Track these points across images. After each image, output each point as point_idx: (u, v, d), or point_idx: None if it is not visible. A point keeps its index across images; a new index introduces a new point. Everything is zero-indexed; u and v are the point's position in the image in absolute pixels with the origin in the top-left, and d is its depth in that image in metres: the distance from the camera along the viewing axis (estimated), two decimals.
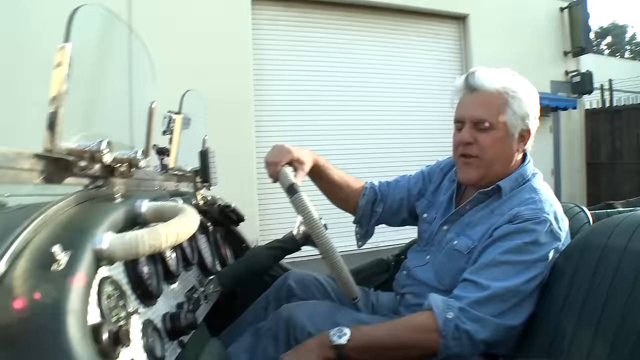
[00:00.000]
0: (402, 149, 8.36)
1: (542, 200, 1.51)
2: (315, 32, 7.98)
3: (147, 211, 1.09)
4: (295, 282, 1.91)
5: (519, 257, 1.42)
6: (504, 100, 1.53)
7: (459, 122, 1.60)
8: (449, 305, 1.41)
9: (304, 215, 1.45)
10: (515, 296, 1.40)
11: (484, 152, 1.55)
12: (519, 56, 8.67)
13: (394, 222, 1.98)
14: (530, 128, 1.59)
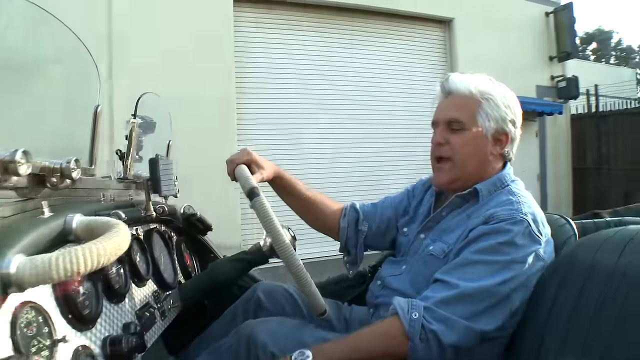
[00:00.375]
0: (387, 150, 8.33)
1: (520, 202, 1.43)
2: (298, 35, 7.93)
3: (78, 227, 0.98)
4: (265, 294, 1.82)
5: (493, 257, 1.34)
6: (477, 102, 1.51)
7: (435, 124, 1.58)
8: (413, 305, 1.32)
9: (263, 221, 1.35)
10: (488, 298, 1.31)
11: (456, 153, 1.52)
12: (505, 60, 8.70)
13: (382, 244, 1.87)
14: (508, 132, 1.55)
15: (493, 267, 1.33)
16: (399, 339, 1.29)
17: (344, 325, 1.78)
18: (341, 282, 2.17)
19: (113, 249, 0.83)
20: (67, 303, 1.01)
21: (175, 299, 1.69)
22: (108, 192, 1.51)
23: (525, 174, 9.36)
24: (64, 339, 0.94)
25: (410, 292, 1.53)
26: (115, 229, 0.88)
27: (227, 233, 6.05)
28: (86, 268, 0.78)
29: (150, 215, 1.46)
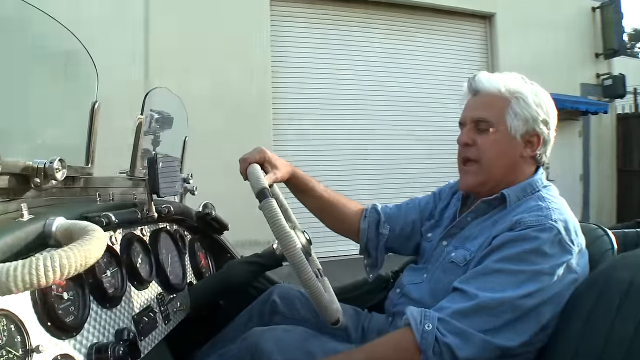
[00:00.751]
0: (423, 149, 8.20)
1: (550, 207, 1.31)
2: (335, 30, 7.87)
3: (57, 231, 0.92)
4: (280, 298, 1.76)
5: (517, 266, 1.22)
6: (506, 101, 1.41)
7: (462, 125, 1.50)
8: (427, 315, 1.22)
9: (271, 224, 1.26)
10: (510, 311, 1.19)
11: (483, 155, 1.43)
12: (548, 57, 8.43)
13: (406, 249, 1.77)
14: (540, 133, 1.42)
15: (517, 278, 1.21)
16: (411, 351, 1.19)
17: (360, 335, 1.69)
18: (361, 287, 2.07)
19: (80, 259, 0.75)
20: (45, 310, 0.95)
21: (184, 301, 1.64)
22: (109, 191, 1.45)
23: (566, 175, 9.15)
24: (37, 349, 0.88)
25: (429, 302, 1.42)
26: (88, 236, 0.81)
27: (261, 231, 5.98)
28: (47, 280, 0.71)
29: (151, 216, 1.39)
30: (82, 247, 0.77)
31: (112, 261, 1.26)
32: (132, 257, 1.36)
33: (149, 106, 1.80)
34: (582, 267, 1.27)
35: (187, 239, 1.90)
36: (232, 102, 6.78)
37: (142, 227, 1.50)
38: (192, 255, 1.88)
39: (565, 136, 9.29)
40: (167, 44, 6.56)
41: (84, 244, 0.79)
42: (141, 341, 1.28)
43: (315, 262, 1.74)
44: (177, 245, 1.71)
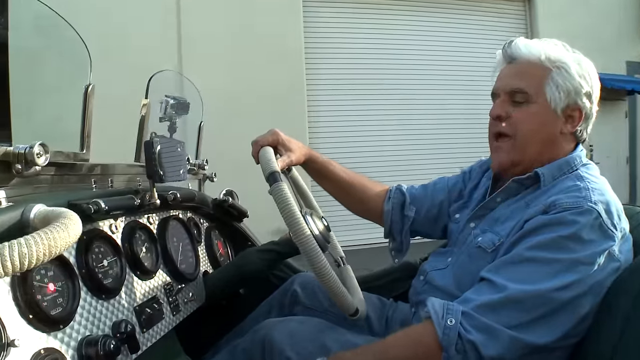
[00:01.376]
0: (461, 132, 8.04)
1: (590, 188, 1.17)
2: (369, 14, 7.79)
3: (36, 218, 0.86)
4: (302, 288, 1.70)
5: (552, 254, 1.10)
6: (546, 71, 1.27)
7: (495, 96, 1.37)
8: (450, 309, 1.11)
9: (281, 208, 1.19)
10: (542, 305, 1.07)
11: (518, 130, 1.29)
12: (591, 35, 8.07)
13: (434, 232, 1.67)
14: (582, 107, 1.29)
15: (552, 267, 1.09)
16: (432, 348, 1.09)
17: (383, 326, 1.61)
18: (387, 275, 1.98)
19: (44, 248, 0.69)
20: (26, 302, 0.90)
21: (196, 291, 1.58)
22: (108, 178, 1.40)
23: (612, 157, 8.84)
24: (13, 343, 0.82)
25: (454, 291, 1.33)
26: (57, 223, 0.74)
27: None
28: (5, 271, 0.65)
29: (153, 203, 1.32)
30: (46, 235, 0.71)
31: (110, 250, 1.20)
32: (135, 246, 1.30)
33: (161, 91, 1.76)
34: (625, 254, 1.15)
35: (204, 227, 1.85)
36: (265, 91, 6.77)
37: (148, 215, 1.45)
38: (209, 243, 1.82)
39: (611, 117, 8.95)
40: (199, 33, 6.58)
41: (51, 231, 0.72)
42: (143, 333, 1.23)
43: (337, 250, 1.67)
44: (189, 233, 1.64)
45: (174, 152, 1.34)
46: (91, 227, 1.17)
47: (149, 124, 1.68)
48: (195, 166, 1.95)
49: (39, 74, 1.41)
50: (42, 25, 1.33)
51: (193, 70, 6.12)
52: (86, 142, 1.27)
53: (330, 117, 7.54)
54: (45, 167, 1.05)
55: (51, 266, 0.99)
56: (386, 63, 7.80)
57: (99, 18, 5.86)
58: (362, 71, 7.67)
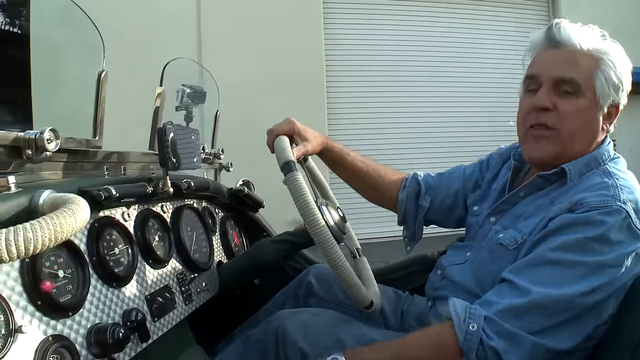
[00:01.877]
0: (482, 126, 7.96)
1: (618, 185, 1.13)
2: (389, 7, 7.72)
3: (45, 204, 0.86)
4: (317, 279, 1.68)
5: (578, 256, 1.05)
6: (596, 62, 1.20)
7: (534, 80, 1.26)
8: (472, 313, 1.08)
9: (295, 198, 1.17)
10: (566, 311, 1.04)
11: (564, 123, 1.20)
12: (616, 25, 7.82)
13: (447, 221, 1.64)
14: (620, 103, 1.24)
15: (577, 270, 1.05)
16: (451, 351, 1.07)
17: (399, 319, 1.59)
18: (404, 268, 1.95)
19: (49, 233, 0.69)
20: (35, 288, 0.90)
21: (210, 281, 1.57)
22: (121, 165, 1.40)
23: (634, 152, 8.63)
24: (21, 329, 0.82)
25: (472, 287, 1.30)
26: (64, 209, 0.73)
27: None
28: (10, 256, 0.65)
29: (166, 191, 1.32)
30: (52, 220, 0.70)
31: (122, 238, 1.20)
32: (147, 234, 1.29)
33: (178, 80, 1.75)
34: None
35: (219, 216, 1.84)
36: (285, 84, 6.77)
37: (162, 203, 1.44)
38: (223, 233, 1.82)
39: (635, 111, 8.71)
40: (218, 26, 6.60)
41: (57, 216, 0.71)
42: (155, 322, 1.23)
43: (354, 241, 1.65)
44: (204, 222, 1.64)
45: (188, 140, 1.33)
46: (103, 215, 1.17)
47: (166, 113, 1.68)
48: (211, 155, 1.94)
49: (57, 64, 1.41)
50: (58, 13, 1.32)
51: (212, 60, 6.13)
52: (99, 129, 1.27)
53: (349, 108, 7.52)
54: (57, 154, 1.05)
55: (61, 253, 0.99)
56: (405, 56, 7.75)
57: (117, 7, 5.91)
58: (382, 64, 7.63)
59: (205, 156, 1.86)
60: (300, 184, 1.17)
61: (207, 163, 1.95)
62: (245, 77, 6.45)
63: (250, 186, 2.01)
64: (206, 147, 1.88)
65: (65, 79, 1.45)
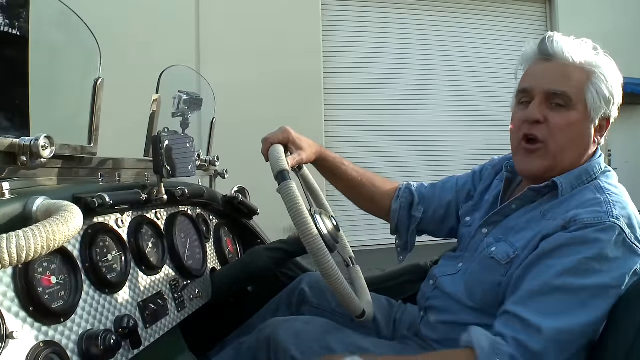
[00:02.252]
0: (477, 136, 7.98)
1: (611, 201, 1.13)
2: (387, 11, 7.78)
3: (38, 210, 0.86)
4: (310, 287, 1.68)
5: (580, 280, 1.05)
6: (587, 75, 1.21)
7: (526, 93, 1.27)
8: (498, 349, 1.06)
9: (288, 207, 1.17)
10: (578, 340, 1.05)
11: (554, 137, 1.21)
12: (613, 38, 7.90)
13: (440, 232, 1.65)
14: (611, 117, 1.25)
15: (582, 296, 1.05)
16: None
17: (392, 328, 1.60)
18: (397, 277, 1.96)
19: (42, 241, 0.69)
20: (28, 294, 0.90)
21: (203, 288, 1.58)
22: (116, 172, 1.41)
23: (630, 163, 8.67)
24: (12, 335, 0.82)
25: (464, 299, 1.30)
26: (57, 216, 0.74)
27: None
28: (2, 263, 0.65)
29: (160, 198, 1.32)
30: (45, 228, 0.71)
31: (115, 245, 1.20)
32: (141, 241, 1.30)
33: (173, 86, 1.75)
34: None
35: (213, 223, 1.84)
36: (283, 86, 6.79)
37: (156, 210, 1.45)
38: (217, 240, 1.82)
39: (631, 122, 8.80)
40: (217, 27, 6.62)
41: (50, 224, 0.72)
42: (147, 328, 1.23)
43: (347, 250, 1.65)
44: (197, 229, 1.64)
45: (183, 148, 1.34)
46: (97, 221, 1.17)
47: (163, 119, 1.68)
48: (206, 162, 1.94)
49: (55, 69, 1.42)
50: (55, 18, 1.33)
51: (211, 61, 6.15)
52: (94, 136, 1.27)
53: (347, 115, 7.58)
54: (52, 160, 1.06)
55: (54, 259, 0.99)
56: (403, 62, 7.81)
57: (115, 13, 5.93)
58: (379, 66, 7.69)
59: (201, 163, 1.87)
60: (294, 193, 1.18)
61: (202, 170, 1.96)
62: (243, 77, 6.50)
63: (245, 193, 2.02)
64: (202, 154, 1.88)
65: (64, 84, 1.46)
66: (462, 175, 1.64)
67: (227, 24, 6.68)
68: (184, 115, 1.79)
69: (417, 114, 7.85)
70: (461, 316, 1.25)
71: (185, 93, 1.77)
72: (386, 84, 7.68)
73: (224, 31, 6.65)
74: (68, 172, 1.23)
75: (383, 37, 7.71)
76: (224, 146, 2.43)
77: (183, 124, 1.80)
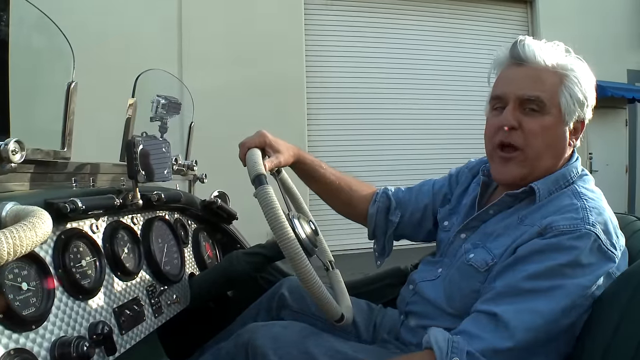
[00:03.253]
0: (460, 139, 8.03)
1: (587, 207, 1.13)
2: (370, 16, 7.83)
3: (7, 216, 0.85)
4: (289, 292, 1.67)
5: (552, 281, 1.06)
6: (560, 79, 1.21)
7: (500, 99, 1.27)
8: (455, 347, 1.06)
9: (265, 212, 1.16)
10: (546, 341, 1.06)
11: (530, 142, 1.21)
12: (592, 42, 8.04)
13: (417, 235, 1.65)
14: (586, 119, 1.26)
15: (554, 295, 1.06)
16: None
17: (371, 332, 1.59)
18: (378, 281, 1.96)
19: (8, 247, 0.67)
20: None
21: (181, 293, 1.56)
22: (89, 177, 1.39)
23: (611, 166, 8.78)
24: None
25: (443, 305, 1.31)
26: (25, 222, 0.73)
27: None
28: None
29: (135, 203, 1.31)
30: (12, 234, 0.69)
31: (89, 250, 1.19)
32: (116, 246, 1.28)
33: (152, 91, 1.74)
34: (622, 269, 1.12)
35: (191, 228, 1.83)
36: (265, 91, 6.79)
37: (133, 215, 1.43)
38: (196, 245, 1.81)
39: (611, 125, 8.92)
40: (199, 34, 6.60)
41: (17, 229, 0.71)
42: (123, 335, 1.21)
43: (327, 254, 1.65)
44: (175, 234, 1.63)
45: (158, 152, 1.32)
46: (70, 227, 1.16)
47: (141, 124, 1.67)
48: (184, 167, 1.92)
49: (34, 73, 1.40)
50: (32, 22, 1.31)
51: (192, 70, 6.12)
52: (67, 140, 1.26)
53: (329, 118, 7.60)
54: (24, 165, 1.04)
55: (25, 265, 0.98)
56: (385, 65, 7.85)
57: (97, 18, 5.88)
58: (363, 73, 7.72)
59: (179, 167, 1.85)
60: (270, 197, 1.17)
61: (180, 175, 1.94)
62: (225, 81, 6.51)
63: (225, 198, 2.00)
64: (179, 159, 1.87)
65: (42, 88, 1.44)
66: (438, 178, 1.64)
67: (209, 27, 6.66)
68: (162, 119, 1.78)
69: (399, 117, 7.88)
70: (440, 321, 1.25)
71: (164, 97, 1.76)
72: (369, 88, 7.70)
73: (206, 34, 6.63)
74: (42, 177, 1.21)
75: (366, 40, 7.74)
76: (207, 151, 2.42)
77: (161, 129, 1.79)
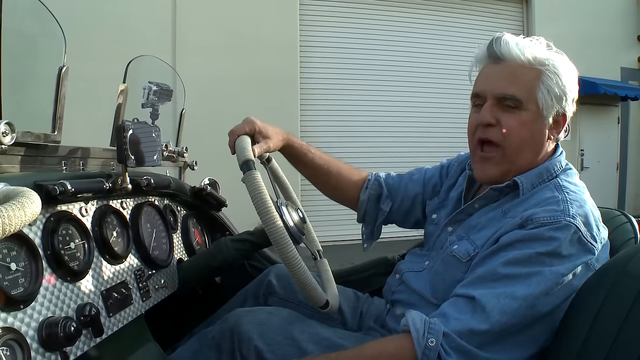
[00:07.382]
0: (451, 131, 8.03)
1: (568, 200, 1.15)
2: (364, 10, 7.80)
3: None
4: (277, 279, 1.69)
5: (530, 268, 1.08)
6: (537, 74, 1.22)
7: (479, 97, 1.29)
8: (431, 328, 1.09)
9: (252, 197, 1.17)
10: (522, 326, 1.08)
11: (508, 139, 1.23)
12: (586, 40, 8.09)
13: (405, 223, 1.67)
14: (567, 112, 1.26)
15: (531, 280, 1.08)
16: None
17: (357, 320, 1.61)
18: (365, 270, 1.98)
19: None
20: None
21: (168, 278, 1.58)
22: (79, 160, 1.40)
23: (602, 163, 8.82)
24: None
25: (429, 296, 1.33)
26: (13, 202, 0.74)
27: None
28: None
29: (124, 187, 1.32)
30: (1, 212, 0.70)
31: (78, 233, 1.20)
32: (105, 230, 1.29)
33: (144, 77, 1.74)
34: (602, 262, 1.14)
35: (181, 214, 1.84)
36: (259, 81, 6.79)
37: (122, 200, 1.44)
38: (185, 231, 1.82)
39: (603, 122, 8.97)
40: (194, 22, 6.57)
41: (6, 209, 0.72)
42: (110, 317, 1.23)
43: (315, 243, 1.66)
44: (164, 220, 1.64)
45: (148, 137, 1.33)
46: (59, 209, 1.17)
47: (133, 110, 1.67)
48: (174, 153, 1.93)
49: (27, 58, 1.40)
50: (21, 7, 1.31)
51: (186, 60, 6.11)
52: (58, 124, 1.26)
53: (323, 110, 7.60)
54: (14, 147, 1.05)
55: (14, 246, 0.99)
56: (379, 59, 7.85)
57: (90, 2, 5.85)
58: (356, 66, 7.73)
59: (169, 154, 1.86)
60: (258, 182, 1.17)
61: (170, 161, 1.95)
62: (220, 72, 6.49)
63: (215, 186, 2.01)
64: (170, 145, 1.87)
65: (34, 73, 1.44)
66: (430, 167, 1.65)
67: (204, 18, 6.63)
68: (153, 106, 1.79)
69: (393, 110, 7.90)
70: (424, 310, 1.27)
71: (155, 84, 1.76)
72: (362, 81, 7.72)
73: (200, 26, 6.60)
74: (32, 160, 1.22)
75: (360, 34, 7.74)
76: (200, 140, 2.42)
77: (153, 115, 1.80)
